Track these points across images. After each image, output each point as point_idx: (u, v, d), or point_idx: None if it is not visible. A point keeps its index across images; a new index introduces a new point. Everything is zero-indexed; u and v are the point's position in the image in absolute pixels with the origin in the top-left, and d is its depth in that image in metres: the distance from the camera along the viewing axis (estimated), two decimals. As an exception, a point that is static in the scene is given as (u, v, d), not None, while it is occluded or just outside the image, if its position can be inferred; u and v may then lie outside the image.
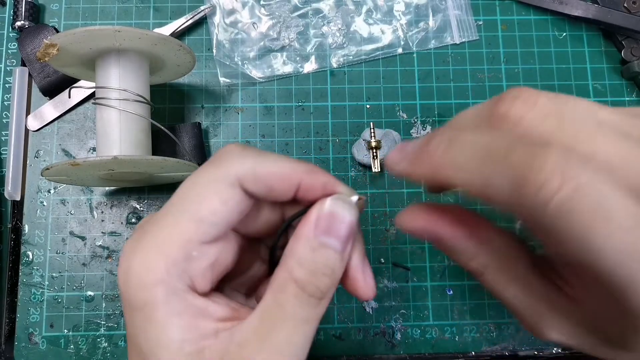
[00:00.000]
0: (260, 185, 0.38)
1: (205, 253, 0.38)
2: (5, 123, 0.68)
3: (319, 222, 0.37)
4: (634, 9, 0.70)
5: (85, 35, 0.52)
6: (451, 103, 0.70)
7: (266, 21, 0.71)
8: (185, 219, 0.37)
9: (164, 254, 0.36)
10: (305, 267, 0.36)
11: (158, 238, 0.37)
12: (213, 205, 0.37)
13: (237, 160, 0.38)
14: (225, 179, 0.37)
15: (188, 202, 0.37)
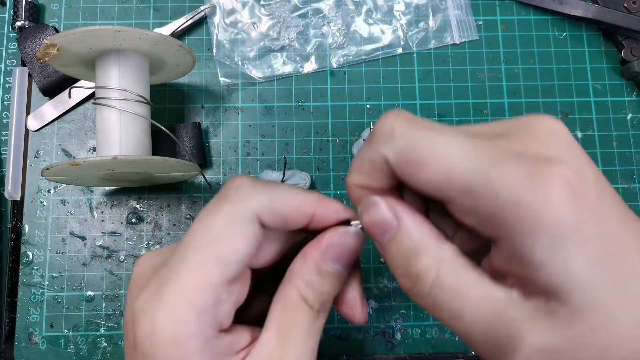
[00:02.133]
0: (277, 219, 0.39)
1: (232, 293, 0.38)
2: (5, 123, 0.68)
3: (329, 249, 0.39)
4: (634, 9, 0.70)
5: (85, 35, 0.52)
6: (451, 103, 0.70)
7: (266, 21, 0.71)
8: (210, 262, 0.37)
9: (194, 304, 0.36)
10: (313, 288, 0.39)
11: (184, 287, 0.36)
12: (237, 245, 0.37)
13: (253, 195, 0.39)
14: (245, 216, 0.38)
15: (208, 243, 0.37)
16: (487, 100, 0.70)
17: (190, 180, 0.67)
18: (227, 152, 0.68)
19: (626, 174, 0.68)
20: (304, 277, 0.39)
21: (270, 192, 0.39)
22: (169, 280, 0.37)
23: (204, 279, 0.36)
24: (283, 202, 0.39)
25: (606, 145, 0.69)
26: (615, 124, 0.70)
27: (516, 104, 0.70)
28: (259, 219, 0.38)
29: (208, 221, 0.38)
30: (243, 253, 0.37)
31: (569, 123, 0.69)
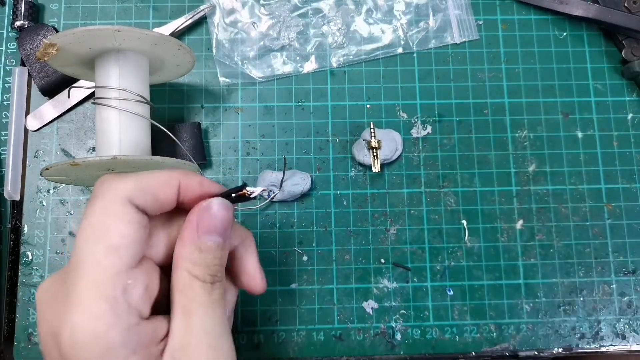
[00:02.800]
0: (147, 197, 0.42)
1: (137, 278, 0.40)
2: (4, 123, 0.68)
3: (200, 225, 0.43)
4: (634, 9, 0.70)
5: (85, 35, 0.52)
6: (451, 103, 0.69)
7: (266, 21, 0.71)
8: (101, 254, 0.39)
9: (102, 296, 0.38)
10: (200, 264, 0.42)
11: (88, 284, 0.38)
12: (119, 229, 0.40)
13: (119, 183, 0.41)
14: (117, 202, 0.40)
15: (94, 238, 0.39)
16: (488, 100, 0.70)
17: (190, 180, 0.66)
18: (226, 152, 0.68)
19: (626, 174, 0.68)
20: (187, 258, 0.42)
21: (135, 176, 0.42)
22: (73, 284, 0.38)
23: (103, 271, 0.38)
24: (148, 181, 0.42)
25: (607, 145, 0.69)
26: (615, 124, 0.70)
27: (516, 103, 0.70)
28: (132, 202, 0.41)
29: (87, 221, 0.40)
30: (129, 236, 0.40)
31: (570, 123, 0.69)
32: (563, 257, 0.66)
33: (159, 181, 0.43)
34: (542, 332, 0.64)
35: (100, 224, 0.40)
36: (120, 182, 0.42)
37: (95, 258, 0.39)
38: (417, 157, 0.68)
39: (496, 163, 0.68)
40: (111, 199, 0.41)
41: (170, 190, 0.43)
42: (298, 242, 0.66)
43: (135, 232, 0.40)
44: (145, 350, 0.39)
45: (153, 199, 0.42)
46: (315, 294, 0.65)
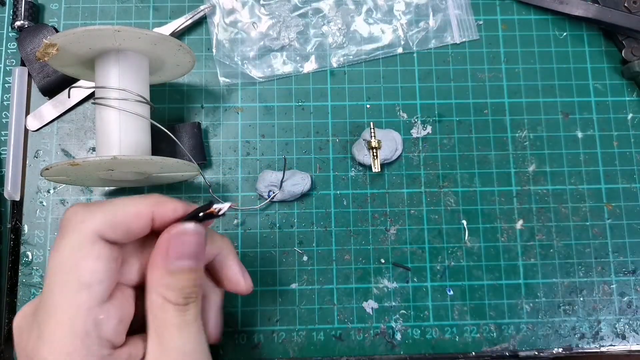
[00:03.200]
0: (119, 230, 0.42)
1: (109, 311, 0.41)
2: (4, 123, 0.68)
3: (170, 251, 0.43)
4: (634, 9, 0.70)
5: (85, 35, 0.52)
6: (451, 103, 0.69)
7: (266, 21, 0.71)
8: (72, 291, 0.39)
9: (73, 333, 0.38)
10: (172, 288, 0.42)
11: (59, 322, 0.39)
12: (90, 266, 0.40)
13: (88, 218, 0.41)
14: (87, 239, 0.41)
15: (65, 275, 0.40)
16: (488, 100, 0.70)
17: (190, 181, 0.66)
18: (226, 152, 0.68)
19: (627, 174, 0.68)
20: (158, 282, 0.43)
21: (106, 209, 0.42)
22: (44, 321, 0.39)
23: (74, 308, 0.39)
24: (120, 214, 0.42)
25: (607, 145, 0.69)
26: (615, 124, 0.70)
27: (516, 103, 0.70)
28: (102, 237, 0.41)
29: (57, 257, 0.41)
30: (100, 272, 0.40)
31: (570, 123, 0.69)
32: (563, 257, 0.66)
33: (130, 214, 0.43)
34: (542, 332, 0.64)
35: (69, 260, 0.40)
36: (90, 217, 0.42)
37: (66, 295, 0.39)
38: (417, 157, 0.68)
39: (496, 163, 0.68)
40: (80, 235, 0.41)
41: (143, 221, 0.44)
42: (298, 242, 0.66)
43: (105, 266, 0.41)
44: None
45: (125, 231, 0.43)
46: (315, 294, 0.65)
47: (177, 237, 0.43)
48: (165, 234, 0.44)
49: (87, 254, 0.40)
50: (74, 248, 0.41)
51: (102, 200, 0.46)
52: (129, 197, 0.45)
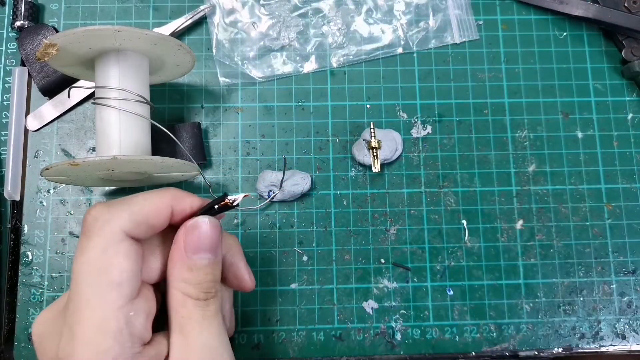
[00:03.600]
0: (142, 226, 0.43)
1: (138, 308, 0.42)
2: (4, 123, 0.68)
3: (187, 246, 0.44)
4: (634, 9, 0.70)
5: (85, 35, 0.52)
6: (451, 103, 0.70)
7: (266, 21, 0.71)
8: (105, 290, 0.40)
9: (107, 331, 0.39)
10: (192, 283, 0.44)
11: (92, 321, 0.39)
12: (119, 265, 0.41)
13: (113, 218, 0.42)
14: (115, 238, 0.41)
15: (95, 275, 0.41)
16: (488, 100, 0.70)
17: (190, 180, 0.66)
18: (227, 152, 0.68)
19: (626, 174, 0.68)
20: (178, 278, 0.44)
21: (128, 207, 0.43)
22: (77, 322, 0.39)
23: (107, 307, 0.40)
24: (141, 211, 0.43)
25: (607, 145, 0.69)
26: (615, 124, 0.70)
27: (516, 103, 0.70)
28: (128, 234, 0.42)
29: (85, 258, 0.41)
30: (129, 270, 0.41)
31: (570, 123, 0.69)
32: (563, 257, 0.66)
33: (151, 210, 0.44)
34: (542, 332, 0.64)
35: (99, 261, 0.41)
36: (114, 217, 0.42)
37: (97, 295, 0.40)
38: (417, 157, 0.68)
39: (496, 163, 0.68)
40: (108, 235, 0.41)
41: (163, 216, 0.45)
42: (298, 242, 0.66)
43: (133, 264, 0.42)
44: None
45: (147, 228, 0.44)
46: (315, 294, 0.65)
47: (193, 230, 0.45)
48: (182, 228, 0.45)
49: (116, 253, 0.41)
50: (102, 248, 0.41)
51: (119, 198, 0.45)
52: (146, 192, 0.46)
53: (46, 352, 0.42)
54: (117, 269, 0.41)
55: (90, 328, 0.39)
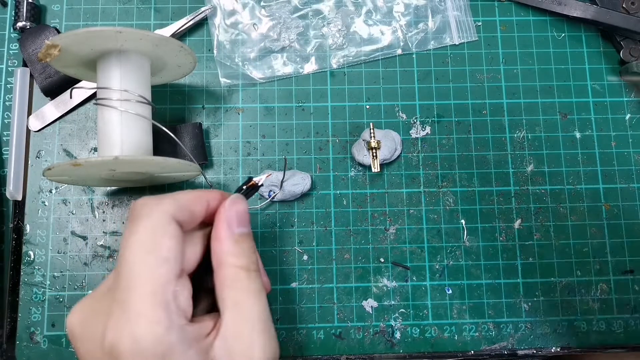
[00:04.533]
0: (185, 213, 0.47)
1: (182, 286, 0.45)
2: (7, 123, 0.68)
3: (230, 220, 0.49)
4: (632, 10, 0.70)
5: (87, 36, 0.52)
6: (450, 103, 0.70)
7: (266, 22, 0.71)
8: (155, 265, 0.43)
9: (159, 303, 0.42)
10: (240, 255, 0.48)
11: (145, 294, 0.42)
12: (167, 243, 0.44)
13: (161, 203, 0.46)
14: (164, 220, 0.45)
15: (146, 253, 0.44)
16: (486, 101, 0.70)
17: (191, 181, 0.67)
18: (227, 152, 0.68)
19: (625, 174, 0.69)
20: (228, 252, 0.48)
21: (172, 196, 0.48)
22: (129, 295, 0.42)
23: (157, 281, 0.43)
24: (184, 199, 0.48)
25: (605, 145, 0.69)
26: (613, 124, 0.70)
27: (515, 104, 0.70)
28: (174, 218, 0.46)
29: (136, 237, 0.44)
30: (176, 249, 0.45)
31: (568, 123, 0.70)
32: (561, 257, 0.66)
33: (192, 198, 0.48)
34: (541, 331, 0.65)
35: (150, 239, 0.44)
36: (162, 202, 0.46)
37: (149, 270, 0.43)
38: (416, 157, 0.68)
39: (495, 163, 0.68)
40: (156, 217, 0.45)
41: (202, 206, 0.49)
42: (298, 242, 0.66)
43: (178, 245, 0.45)
44: (197, 345, 0.43)
45: (189, 215, 0.47)
46: (315, 293, 0.65)
47: (232, 206, 0.49)
48: (222, 209, 0.49)
49: (164, 233, 0.44)
50: (152, 228, 0.44)
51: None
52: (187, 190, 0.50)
53: (91, 336, 0.44)
54: (166, 247, 0.44)
55: (143, 300, 0.42)
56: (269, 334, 0.47)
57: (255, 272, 0.48)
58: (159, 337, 0.41)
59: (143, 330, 0.41)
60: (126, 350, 0.41)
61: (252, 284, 0.47)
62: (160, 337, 0.41)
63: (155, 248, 0.44)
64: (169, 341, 0.41)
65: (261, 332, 0.46)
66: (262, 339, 0.46)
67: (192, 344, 0.43)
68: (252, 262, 0.49)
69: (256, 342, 0.45)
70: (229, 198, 0.50)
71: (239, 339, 0.45)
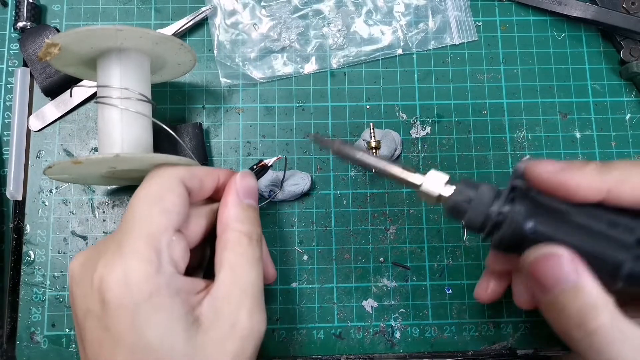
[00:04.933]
0: (194, 181, 0.50)
1: (179, 239, 0.47)
2: (7, 123, 0.68)
3: (240, 190, 0.52)
4: (632, 10, 0.70)
5: (87, 34, 0.52)
6: (450, 103, 0.70)
7: (267, 22, 0.72)
8: (155, 214, 0.46)
9: (152, 245, 0.44)
10: (245, 222, 0.50)
11: (141, 235, 0.45)
12: (172, 199, 0.47)
13: (174, 168, 0.50)
14: (173, 180, 0.49)
15: (151, 203, 0.47)
16: (486, 101, 0.70)
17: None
18: (228, 152, 0.68)
19: (625, 174, 0.69)
20: (234, 217, 0.50)
21: (186, 166, 0.52)
22: (127, 236, 0.45)
23: (155, 227, 0.45)
24: (197, 169, 0.51)
25: (605, 145, 0.69)
26: (614, 124, 0.70)
27: (515, 104, 0.70)
28: (183, 182, 0.49)
29: (145, 191, 0.48)
30: (178, 205, 0.47)
31: (568, 123, 0.70)
32: (561, 257, 0.66)
33: (204, 171, 0.52)
34: (541, 331, 0.65)
35: (157, 192, 0.47)
36: (177, 168, 0.50)
37: (149, 216, 0.46)
38: (417, 157, 0.68)
39: (495, 163, 0.68)
40: (166, 177, 0.49)
41: (213, 179, 0.52)
42: (298, 242, 0.66)
43: (182, 204, 0.48)
44: (185, 296, 0.45)
45: (199, 184, 0.51)
46: (316, 293, 0.65)
47: (243, 177, 0.53)
48: (232, 180, 0.53)
49: (171, 190, 0.48)
50: (160, 184, 0.48)
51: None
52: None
53: (87, 277, 0.45)
54: (170, 201, 0.47)
55: (138, 240, 0.44)
56: (258, 303, 0.48)
57: (257, 242, 0.50)
58: (148, 276, 0.43)
59: (134, 266, 0.43)
60: (114, 284, 0.43)
61: (251, 251, 0.49)
62: (150, 276, 0.43)
63: (160, 200, 0.47)
64: (157, 282, 0.43)
65: (251, 298, 0.47)
66: (251, 305, 0.47)
67: (179, 293, 0.44)
68: (256, 232, 0.51)
69: (245, 306, 0.47)
70: (240, 172, 0.54)
71: (227, 301, 0.46)
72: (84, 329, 0.45)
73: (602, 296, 0.40)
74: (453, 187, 0.46)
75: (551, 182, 0.43)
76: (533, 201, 0.43)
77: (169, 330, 0.43)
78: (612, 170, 0.41)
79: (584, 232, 0.41)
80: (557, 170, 0.43)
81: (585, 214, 0.42)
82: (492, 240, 0.45)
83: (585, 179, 0.41)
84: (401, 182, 0.48)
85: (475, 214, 0.44)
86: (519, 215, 0.43)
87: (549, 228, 0.42)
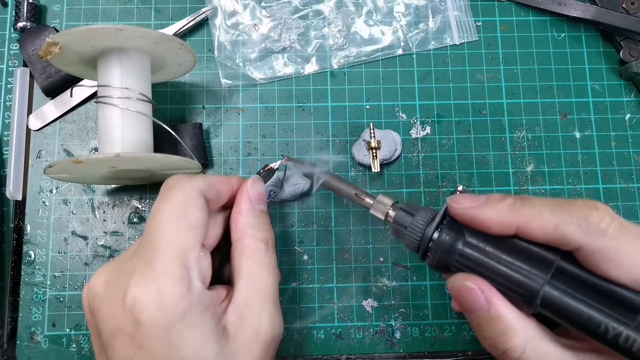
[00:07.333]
0: (213, 190, 0.51)
1: (205, 253, 0.48)
2: (7, 123, 0.68)
3: (252, 197, 0.53)
4: (632, 10, 0.70)
5: (88, 33, 0.52)
6: (450, 103, 0.70)
7: (267, 23, 0.72)
8: (182, 230, 0.46)
9: (182, 264, 0.45)
10: (261, 229, 0.52)
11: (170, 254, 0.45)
12: (196, 213, 0.48)
13: (193, 179, 0.50)
14: (194, 192, 0.48)
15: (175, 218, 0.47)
16: (486, 101, 0.70)
17: (192, 180, 0.67)
18: (228, 152, 0.68)
19: (624, 174, 0.69)
20: (249, 225, 0.52)
21: (202, 175, 0.54)
22: (155, 255, 0.45)
23: (185, 244, 0.46)
24: (214, 179, 0.52)
25: (605, 145, 0.69)
26: (613, 124, 0.70)
27: (515, 104, 0.70)
28: (204, 194, 0.49)
29: (168, 205, 0.48)
30: (201, 219, 0.48)
31: (568, 123, 0.70)
32: (561, 256, 0.66)
33: (220, 179, 0.52)
34: (541, 330, 0.65)
35: (180, 207, 0.47)
36: (194, 179, 0.50)
37: (177, 233, 0.46)
38: (416, 157, 0.68)
39: (494, 163, 0.68)
40: (188, 189, 0.48)
41: (228, 186, 0.53)
42: (298, 242, 0.66)
43: (204, 217, 0.48)
44: (212, 308, 0.46)
45: (217, 194, 0.51)
46: (316, 293, 0.65)
47: (253, 184, 0.54)
48: (244, 187, 0.53)
49: (193, 203, 0.48)
50: (183, 198, 0.48)
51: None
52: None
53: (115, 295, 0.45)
54: (194, 215, 0.47)
55: (169, 259, 0.44)
56: (276, 307, 0.50)
57: (272, 247, 0.52)
58: (182, 295, 0.43)
59: (168, 286, 0.43)
60: (149, 305, 0.43)
61: (268, 257, 0.51)
62: (184, 295, 0.43)
63: (185, 214, 0.47)
64: (190, 300, 0.44)
65: (271, 303, 0.49)
66: (271, 310, 0.49)
67: (208, 307, 0.45)
68: (270, 238, 0.52)
69: (266, 311, 0.48)
70: (250, 178, 0.54)
71: (250, 307, 0.48)
72: (110, 347, 0.45)
73: (519, 321, 0.44)
74: (394, 212, 0.52)
75: (467, 217, 0.46)
76: (459, 231, 0.47)
77: (203, 345, 0.44)
78: (524, 207, 0.44)
79: (502, 263, 0.44)
80: (473, 207, 0.46)
81: (506, 244, 0.45)
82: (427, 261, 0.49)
83: (496, 216, 0.44)
84: (357, 203, 0.55)
85: (411, 239, 0.49)
86: (445, 245, 0.46)
87: (469, 259, 0.45)
